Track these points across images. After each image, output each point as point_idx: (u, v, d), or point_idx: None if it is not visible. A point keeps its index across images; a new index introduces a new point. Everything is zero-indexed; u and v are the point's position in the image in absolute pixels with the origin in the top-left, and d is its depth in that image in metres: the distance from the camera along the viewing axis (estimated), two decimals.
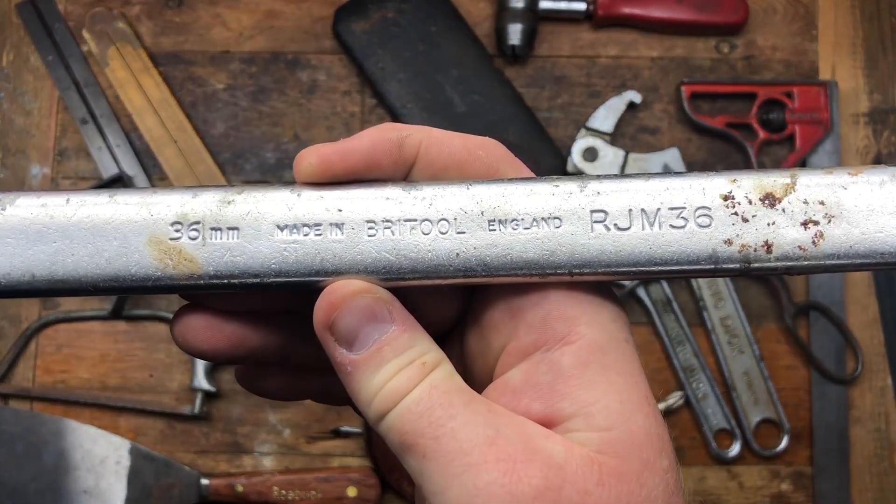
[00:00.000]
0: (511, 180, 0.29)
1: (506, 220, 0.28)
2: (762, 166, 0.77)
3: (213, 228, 0.28)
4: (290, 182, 0.29)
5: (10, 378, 0.76)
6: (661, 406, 0.74)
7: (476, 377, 0.30)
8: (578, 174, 0.30)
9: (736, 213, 0.27)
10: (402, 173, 0.29)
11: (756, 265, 0.27)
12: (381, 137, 0.28)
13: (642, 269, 0.27)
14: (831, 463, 0.74)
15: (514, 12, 0.77)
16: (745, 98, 0.79)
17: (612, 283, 0.29)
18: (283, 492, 0.73)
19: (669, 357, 0.75)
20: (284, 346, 0.32)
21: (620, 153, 0.77)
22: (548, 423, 0.27)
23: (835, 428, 0.75)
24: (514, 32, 0.77)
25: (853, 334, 0.75)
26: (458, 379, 0.27)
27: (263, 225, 0.28)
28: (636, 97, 0.78)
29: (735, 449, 0.74)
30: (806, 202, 0.27)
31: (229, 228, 0.28)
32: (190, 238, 0.28)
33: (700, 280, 0.76)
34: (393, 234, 0.28)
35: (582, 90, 0.80)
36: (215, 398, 0.76)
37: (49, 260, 0.28)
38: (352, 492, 0.73)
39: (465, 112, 0.76)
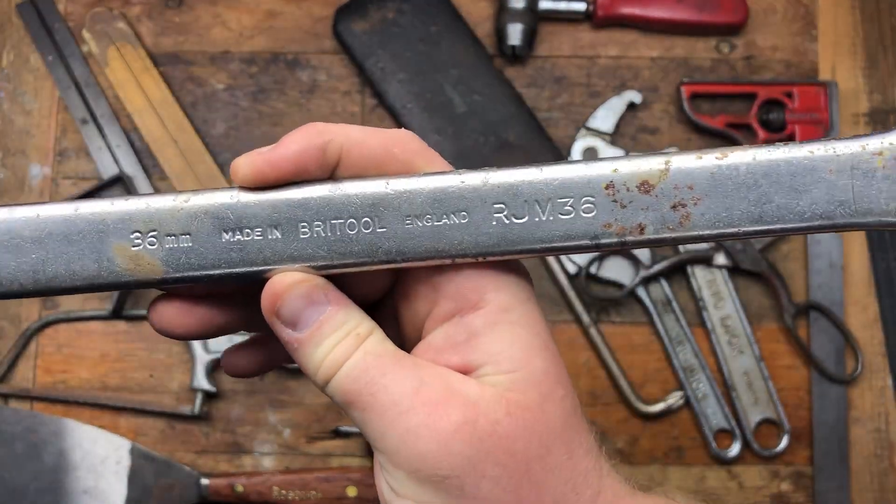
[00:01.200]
0: (424, 176, 0.33)
1: (420, 214, 0.32)
2: None
3: (167, 235, 0.32)
4: (230, 186, 0.33)
5: (11, 378, 0.76)
6: (662, 406, 0.74)
7: (408, 339, 0.35)
8: (483, 167, 0.33)
9: (615, 201, 0.32)
10: (328, 174, 0.33)
11: (630, 239, 0.32)
12: (306, 145, 0.32)
13: (534, 249, 0.32)
14: (831, 463, 0.74)
15: (515, 12, 0.77)
16: (745, 98, 0.79)
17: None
18: (283, 492, 0.73)
19: (669, 357, 0.75)
20: (246, 319, 0.36)
21: (620, 153, 0.77)
22: (464, 372, 0.32)
23: (835, 428, 0.75)
24: (515, 32, 0.77)
25: (853, 334, 0.75)
26: (389, 343, 0.33)
27: (210, 229, 0.32)
28: (636, 97, 0.78)
29: (735, 449, 0.74)
30: (676, 187, 0.32)
31: (182, 234, 0.32)
32: (149, 245, 0.32)
33: (700, 280, 0.76)
34: (323, 232, 0.32)
35: (582, 90, 0.80)
36: (215, 398, 0.76)
37: (31, 269, 0.33)
38: (352, 491, 0.73)
39: (466, 112, 0.77)
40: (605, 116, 0.78)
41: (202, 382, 0.74)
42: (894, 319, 0.76)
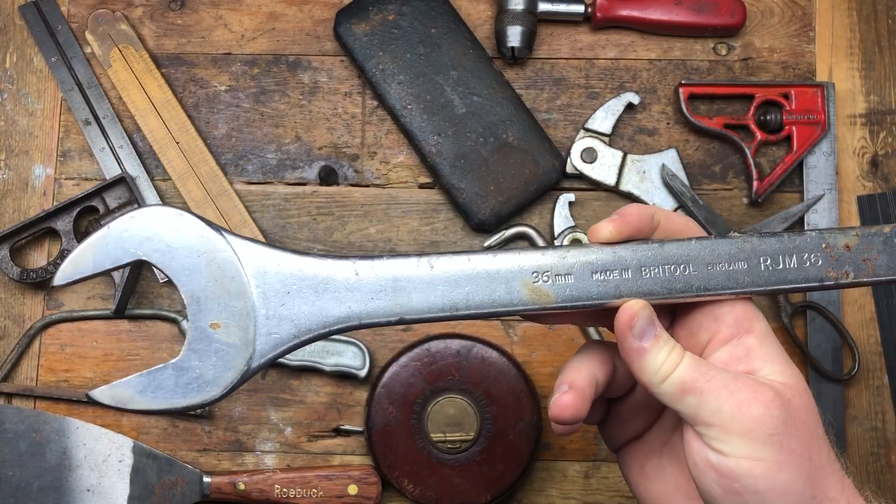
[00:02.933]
0: (721, 239, 0.46)
1: (717, 262, 0.46)
2: (759, 167, 0.78)
3: (556, 275, 0.45)
4: (588, 243, 0.46)
5: (14, 377, 0.77)
6: None
7: None
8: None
9: (831, 256, 0.46)
10: (650, 234, 0.46)
11: (841, 282, 0.46)
12: (641, 214, 0.46)
13: (783, 288, 0.46)
14: None
15: (514, 14, 0.78)
16: (742, 99, 0.79)
17: None
18: (285, 490, 0.73)
19: None
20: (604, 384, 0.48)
21: (619, 154, 0.78)
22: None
23: (832, 427, 0.75)
24: (514, 34, 0.78)
25: (850, 334, 0.76)
26: (699, 357, 0.44)
27: (585, 271, 0.45)
28: (634, 98, 0.79)
29: None
30: (860, 248, 0.46)
31: (566, 274, 0.45)
32: (544, 281, 0.45)
33: None
34: (658, 273, 0.45)
35: (581, 92, 0.80)
36: None
37: (464, 298, 0.44)
38: (353, 490, 0.73)
39: (465, 113, 0.77)
40: (604, 118, 0.78)
41: None
42: (891, 318, 0.77)
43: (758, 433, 0.41)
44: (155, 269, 0.63)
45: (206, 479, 0.73)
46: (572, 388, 0.45)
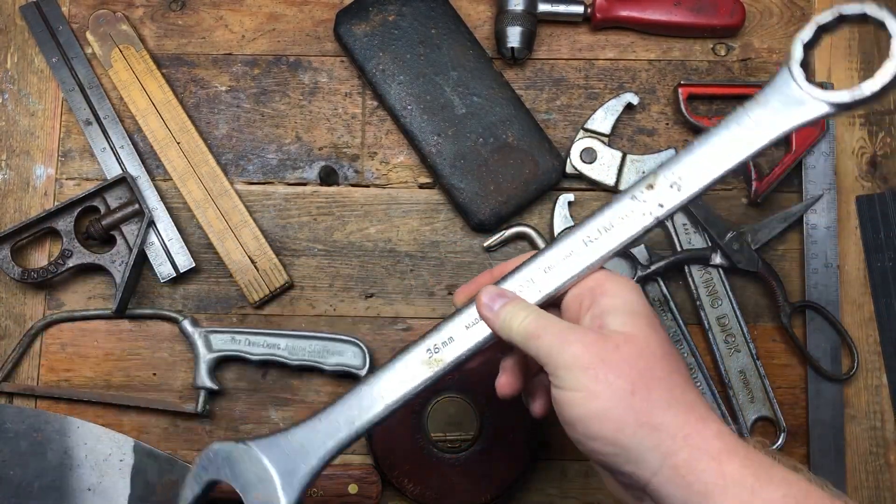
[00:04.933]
0: (529, 260, 0.54)
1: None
2: (758, 167, 0.78)
3: (442, 343, 0.54)
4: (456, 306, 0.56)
5: (15, 377, 0.77)
6: None
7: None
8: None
9: (643, 202, 0.51)
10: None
11: (660, 214, 0.51)
12: (482, 279, 0.56)
13: (607, 252, 0.52)
14: (827, 461, 0.75)
15: (514, 15, 0.78)
16: (741, 99, 0.79)
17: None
18: None
19: None
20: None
21: (618, 154, 0.78)
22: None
23: (830, 426, 0.75)
24: (514, 35, 0.78)
25: (848, 333, 0.76)
26: (547, 313, 0.51)
27: (460, 329, 0.54)
28: (634, 99, 0.79)
29: None
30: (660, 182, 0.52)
31: (448, 339, 0.54)
32: (435, 352, 0.54)
33: (697, 280, 0.76)
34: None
35: (580, 92, 0.81)
36: (218, 396, 0.76)
37: (398, 397, 0.54)
38: (353, 489, 0.74)
39: (465, 113, 0.77)
40: (603, 118, 0.79)
41: (205, 381, 0.75)
42: (889, 318, 0.77)
43: (576, 367, 0.47)
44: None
45: None
46: (505, 370, 0.55)
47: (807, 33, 0.49)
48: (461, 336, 0.53)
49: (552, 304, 0.53)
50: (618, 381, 0.46)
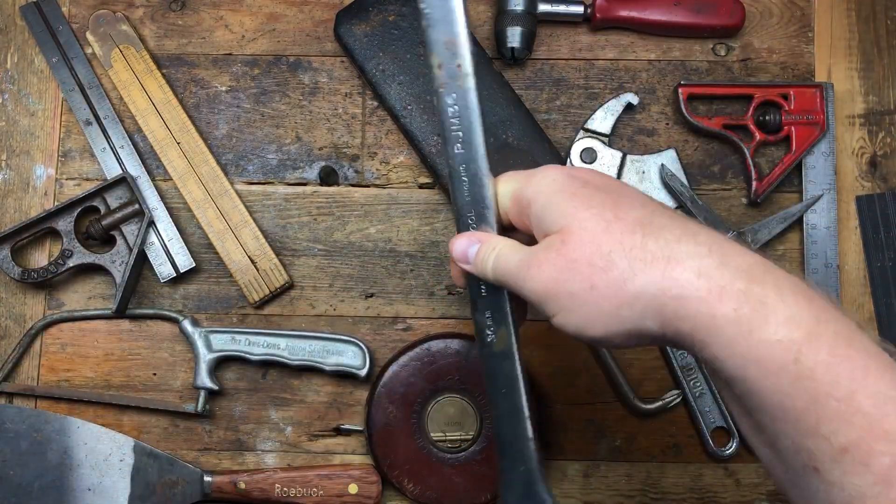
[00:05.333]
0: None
1: None
2: (758, 167, 0.78)
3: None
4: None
5: (15, 377, 0.77)
6: (659, 404, 0.75)
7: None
8: None
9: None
10: None
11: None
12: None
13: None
14: None
15: (514, 15, 0.78)
16: (741, 100, 0.79)
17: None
18: (286, 489, 0.74)
19: (667, 356, 0.76)
20: None
21: (618, 154, 0.78)
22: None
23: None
24: (514, 35, 0.78)
25: None
26: (508, 247, 0.51)
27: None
28: (634, 99, 0.79)
29: (732, 447, 0.75)
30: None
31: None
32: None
33: None
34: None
35: (580, 92, 0.81)
36: (218, 396, 0.77)
37: None
38: (353, 489, 0.74)
39: None
40: (603, 118, 0.79)
41: (205, 380, 0.75)
42: (889, 318, 0.77)
43: (541, 300, 0.48)
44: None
45: (207, 479, 0.74)
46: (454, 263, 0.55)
47: None
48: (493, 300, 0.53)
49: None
50: (576, 285, 0.46)
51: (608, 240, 0.46)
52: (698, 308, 0.43)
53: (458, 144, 0.53)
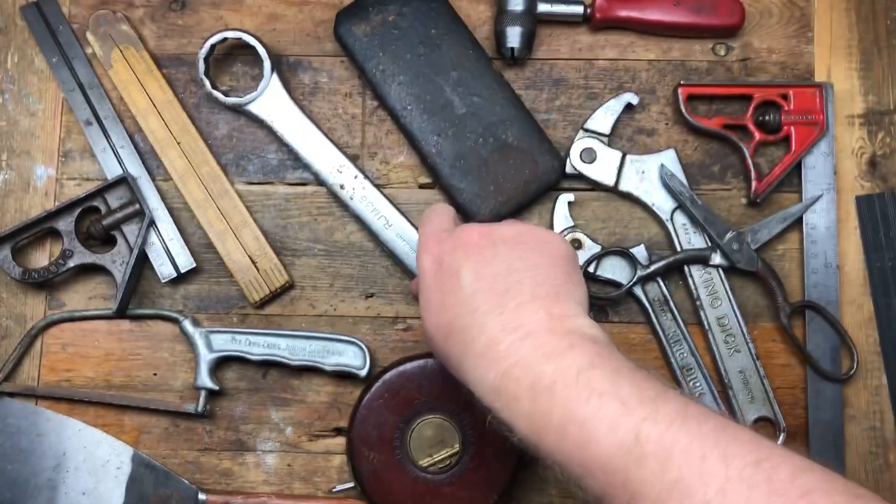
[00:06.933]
0: None
1: None
2: (758, 167, 0.78)
3: None
4: None
5: (16, 377, 0.77)
6: None
7: None
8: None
9: None
10: None
11: None
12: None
13: None
14: (827, 461, 0.74)
15: (513, 15, 0.78)
16: (741, 100, 0.79)
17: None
18: None
19: (667, 356, 0.76)
20: None
21: (618, 154, 0.78)
22: None
23: (830, 426, 0.75)
24: (514, 35, 0.78)
25: (848, 333, 0.76)
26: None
27: None
28: (633, 99, 0.79)
29: None
30: None
31: None
32: None
33: (697, 280, 0.76)
34: None
35: (580, 92, 0.81)
36: (219, 396, 0.77)
37: None
38: None
39: (465, 113, 0.77)
40: (603, 118, 0.79)
41: (205, 381, 0.75)
42: (889, 318, 0.77)
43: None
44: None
45: (202, 497, 0.73)
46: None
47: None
48: None
49: None
50: (428, 325, 0.56)
51: (442, 341, 0.56)
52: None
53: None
